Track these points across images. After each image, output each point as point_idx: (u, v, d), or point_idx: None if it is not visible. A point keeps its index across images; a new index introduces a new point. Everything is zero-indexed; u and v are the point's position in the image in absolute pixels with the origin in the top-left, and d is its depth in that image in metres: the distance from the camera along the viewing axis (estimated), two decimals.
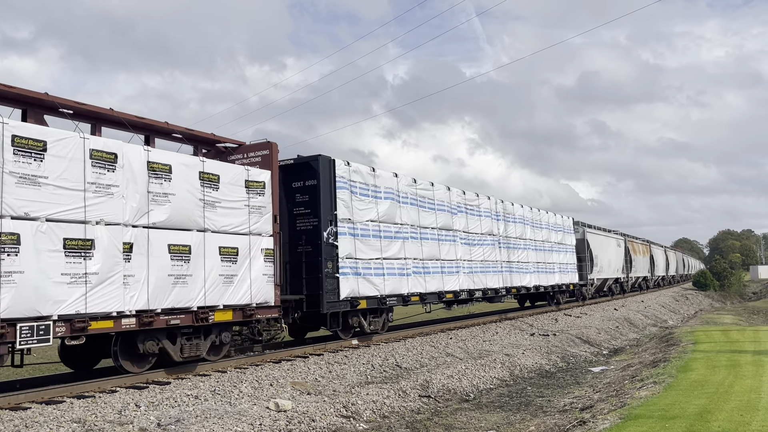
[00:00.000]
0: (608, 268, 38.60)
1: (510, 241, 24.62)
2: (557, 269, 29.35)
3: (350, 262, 15.50)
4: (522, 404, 12.81)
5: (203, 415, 9.49)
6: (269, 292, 13.14)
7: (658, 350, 18.90)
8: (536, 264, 26.88)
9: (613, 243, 41.10)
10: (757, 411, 9.28)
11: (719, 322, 30.44)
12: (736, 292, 68.95)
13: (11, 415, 8.74)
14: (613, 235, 42.31)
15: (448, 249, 19.95)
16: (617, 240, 42.53)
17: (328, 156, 15.58)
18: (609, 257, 39.03)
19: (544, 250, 28.18)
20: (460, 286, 20.27)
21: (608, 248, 39.25)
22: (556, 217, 30.58)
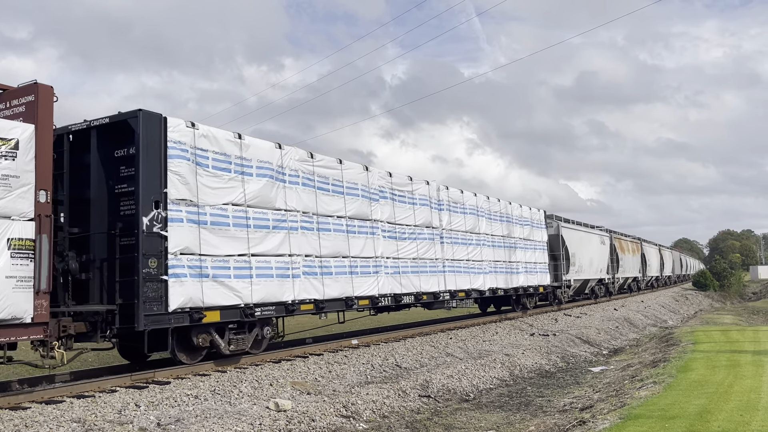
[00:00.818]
0: (589, 268, 34.41)
1: (456, 235, 20.54)
2: (522, 269, 25.16)
3: (190, 260, 11.38)
4: (522, 404, 12.82)
5: (203, 414, 9.49)
6: (21, 304, 9.12)
7: (658, 350, 18.90)
8: (493, 263, 22.77)
9: (596, 240, 36.87)
10: (756, 411, 9.28)
11: (719, 322, 30.45)
12: (736, 292, 68.97)
13: (11, 414, 8.74)
14: (596, 231, 38.09)
15: (363, 244, 15.82)
16: (600, 237, 38.20)
17: (155, 113, 11.43)
18: (590, 255, 34.76)
19: (506, 247, 24.03)
20: (379, 289, 16.14)
21: (589, 245, 34.99)
22: (522, 209, 26.31)
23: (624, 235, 47.29)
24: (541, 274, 27.22)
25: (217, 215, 12.09)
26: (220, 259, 11.99)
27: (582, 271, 33.03)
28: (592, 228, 38.29)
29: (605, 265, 38.36)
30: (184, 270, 11.27)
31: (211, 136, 12.31)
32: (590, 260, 34.69)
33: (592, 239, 36.35)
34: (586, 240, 34.74)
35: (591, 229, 37.76)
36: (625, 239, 45.58)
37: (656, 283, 59.56)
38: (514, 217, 25.21)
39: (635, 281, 48.39)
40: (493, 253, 22.87)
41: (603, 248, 38.02)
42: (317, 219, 14.55)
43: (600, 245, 37.40)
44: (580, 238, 33.60)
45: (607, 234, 40.16)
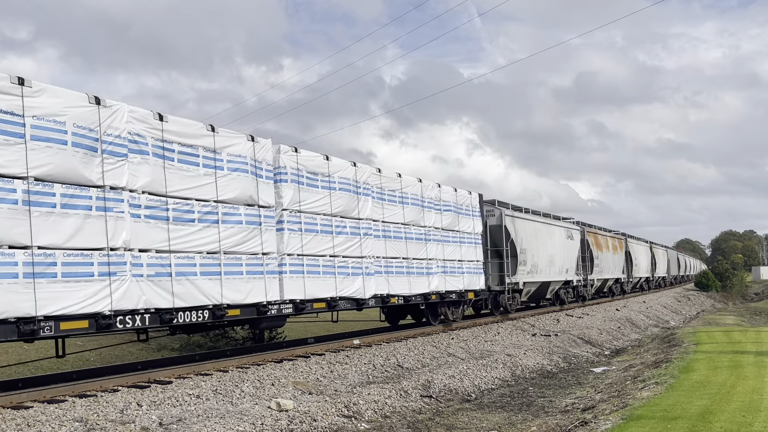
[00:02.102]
0: (549, 268, 27.95)
1: (313, 220, 14.21)
2: (438, 269, 18.78)
3: None
4: (524, 404, 12.81)
5: (205, 414, 9.49)
6: None
7: (660, 351, 18.88)
8: (384, 261, 16.32)
9: (559, 233, 29.95)
10: (759, 412, 9.27)
11: (721, 322, 30.42)
12: (738, 292, 68.92)
13: (13, 414, 8.75)
14: (559, 223, 31.40)
15: (113, 228, 10.07)
16: (567, 230, 31.49)
17: None
18: (551, 252, 28.16)
19: (410, 239, 17.57)
20: (118, 303, 10.03)
21: (549, 240, 28.32)
22: (440, 190, 19.63)
23: (603, 229, 41.09)
24: (470, 275, 20.66)
25: None
26: None
27: (538, 271, 26.49)
28: (553, 219, 31.39)
29: (574, 264, 31.53)
30: None
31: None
32: (550, 258, 28.03)
33: (554, 232, 29.35)
34: (544, 233, 27.77)
35: (553, 220, 30.96)
36: (603, 234, 39.08)
37: (646, 285, 53.33)
38: (426, 200, 18.58)
39: (618, 283, 42.04)
40: (384, 246, 16.34)
41: (570, 244, 31.14)
42: None
43: (566, 240, 30.67)
44: (536, 231, 26.82)
45: (578, 227, 33.76)
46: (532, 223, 26.93)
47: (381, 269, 16.22)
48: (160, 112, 11.26)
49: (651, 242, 57.16)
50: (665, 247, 67.52)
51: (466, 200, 21.39)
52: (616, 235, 43.28)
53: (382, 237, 16.43)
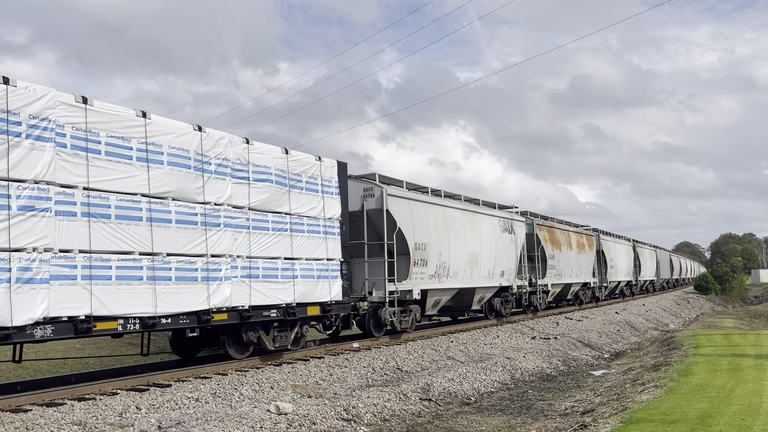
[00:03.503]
0: (472, 270, 21.09)
1: (95, 202, 9.96)
2: (232, 271, 12.16)
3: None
4: (523, 408, 12.80)
5: (204, 417, 9.48)
6: None
7: (660, 354, 18.87)
8: (84, 258, 9.71)
9: (489, 225, 22.82)
10: (758, 415, 9.27)
11: (720, 325, 30.40)
12: (738, 295, 68.91)
13: (12, 417, 8.74)
14: (490, 211, 23.53)
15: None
16: (502, 221, 23.90)
17: None
18: (473, 249, 21.13)
19: (160, 222, 10.97)
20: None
21: (469, 233, 21.14)
22: (249, 149, 13.01)
23: (563, 222, 33.13)
24: (312, 281, 14.08)
25: None
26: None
27: (449, 274, 19.64)
28: (483, 206, 23.68)
29: (513, 265, 24.36)
30: None
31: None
32: (472, 257, 21.05)
33: (480, 223, 22.06)
34: (461, 224, 20.73)
35: (482, 207, 23.30)
36: (563, 229, 31.37)
37: (629, 290, 45.74)
38: (209, 160, 12.03)
39: (587, 289, 34.78)
40: (88, 231, 9.80)
41: (506, 239, 23.86)
42: None
43: (501, 234, 23.47)
44: (446, 220, 19.75)
45: (522, 218, 26.40)
46: (440, 209, 19.64)
47: (74, 272, 9.56)
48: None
49: (635, 241, 49.67)
50: (654, 247, 58.65)
51: (310, 169, 14.31)
52: (583, 231, 35.45)
53: (79, 216, 9.76)
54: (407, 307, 18.10)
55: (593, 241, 36.04)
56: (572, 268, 31.67)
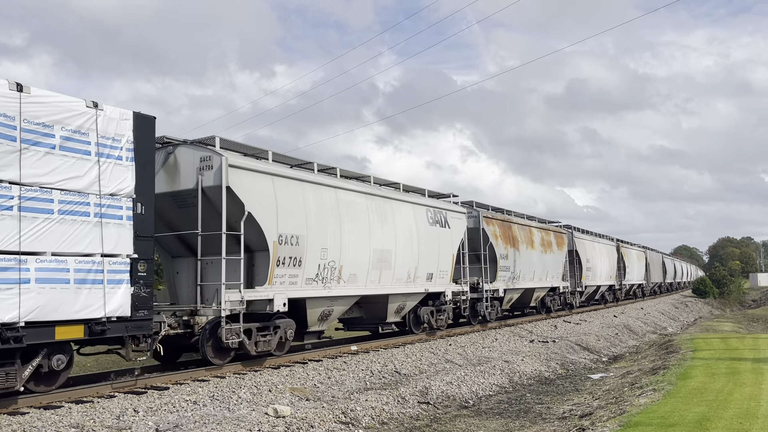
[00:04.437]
0: (380, 271, 16.47)
1: None
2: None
3: None
4: (521, 411, 12.79)
5: (202, 420, 9.47)
6: None
7: (658, 357, 18.88)
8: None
9: (412, 215, 18.10)
10: (756, 419, 9.27)
11: (719, 329, 30.42)
12: (736, 299, 68.96)
13: (9, 419, 8.72)
14: (399, 196, 18.00)
15: None
16: (432, 211, 19.20)
17: None
18: (377, 246, 16.36)
19: None
20: None
21: (378, 225, 16.51)
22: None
23: (523, 216, 28.32)
24: (88, 288, 9.76)
25: None
26: None
27: (333, 278, 14.90)
28: (405, 192, 18.74)
29: (448, 266, 19.69)
30: None
31: None
32: (380, 255, 16.40)
33: (395, 212, 17.26)
34: (360, 210, 15.90)
35: (393, 191, 18.07)
36: (522, 223, 26.57)
37: (612, 295, 41.27)
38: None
39: (554, 294, 30.00)
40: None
41: (437, 234, 19.16)
42: None
43: (427, 227, 18.70)
44: (336, 205, 15.12)
45: (462, 210, 21.41)
46: (329, 191, 14.91)
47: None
48: None
49: (620, 240, 44.64)
50: (644, 248, 53.61)
51: (72, 120, 9.80)
52: (554, 227, 30.94)
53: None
54: (272, 323, 13.47)
55: (564, 240, 30.82)
56: (534, 271, 26.55)
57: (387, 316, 17.47)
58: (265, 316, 13.46)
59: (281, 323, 13.75)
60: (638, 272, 48.04)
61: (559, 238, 30.31)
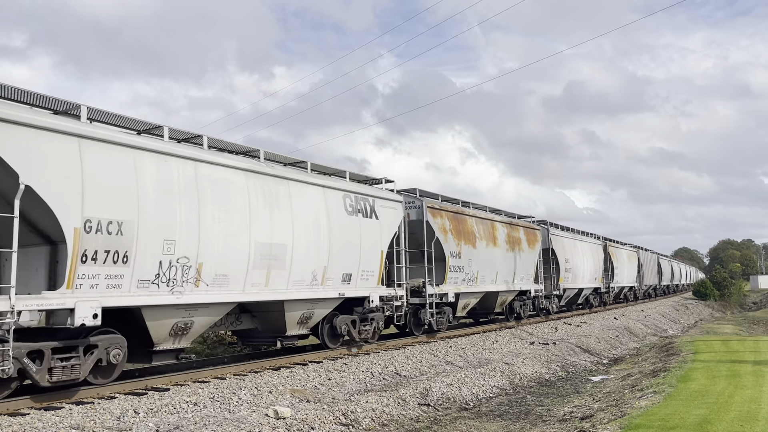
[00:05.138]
0: (267, 272, 12.95)
1: None
2: None
3: None
4: (522, 413, 12.79)
5: (202, 422, 9.47)
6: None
7: (658, 360, 18.87)
8: None
9: (305, 198, 14.18)
10: (757, 421, 9.26)
11: (719, 331, 30.40)
12: (737, 301, 68.91)
13: (10, 420, 8.72)
14: (302, 177, 14.34)
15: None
16: (347, 196, 15.63)
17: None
18: (262, 239, 12.82)
19: None
20: None
21: (261, 208, 12.88)
22: None
23: (485, 209, 24.14)
24: None
25: None
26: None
27: (185, 279, 11.30)
28: (303, 170, 14.99)
29: (374, 265, 16.30)
30: None
31: None
32: (266, 250, 12.96)
33: (295, 196, 13.86)
34: (235, 191, 12.39)
35: (295, 171, 14.46)
36: (482, 217, 22.92)
37: (597, 299, 37.58)
38: None
39: (525, 298, 26.47)
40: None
41: (358, 225, 15.76)
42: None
43: (344, 217, 15.35)
44: (194, 182, 11.53)
45: (397, 198, 17.83)
46: (186, 164, 11.46)
47: None
48: None
49: (607, 239, 40.74)
50: (637, 248, 49.39)
51: None
52: (525, 222, 27.34)
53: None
54: (82, 342, 10.14)
55: (537, 237, 27.28)
56: (498, 272, 22.98)
57: (287, 327, 14.13)
58: (77, 332, 10.02)
59: (101, 341, 10.34)
60: (629, 274, 44.61)
61: (530, 234, 26.69)
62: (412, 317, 18.91)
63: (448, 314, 20.29)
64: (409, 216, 18.77)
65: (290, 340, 14.72)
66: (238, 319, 13.91)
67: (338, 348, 15.93)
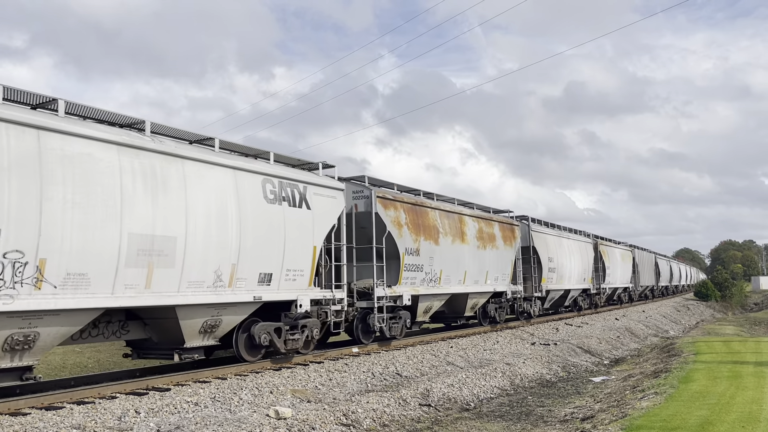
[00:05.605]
0: (146, 270, 10.57)
1: None
2: None
3: None
4: (522, 414, 12.78)
5: (203, 422, 9.47)
6: None
7: (660, 360, 18.85)
8: None
9: (206, 181, 11.78)
10: (758, 422, 9.25)
11: (721, 332, 30.38)
12: (738, 302, 68.91)
13: (11, 420, 8.73)
14: (200, 155, 11.82)
15: None
16: (270, 181, 13.26)
17: None
18: (140, 230, 10.49)
19: None
20: None
21: (138, 192, 10.55)
22: None
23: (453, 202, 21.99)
24: None
25: None
26: None
27: (6, 277, 8.78)
28: (209, 148, 12.65)
29: (305, 263, 14.16)
30: None
31: None
32: (143, 244, 10.56)
33: (193, 178, 11.52)
34: (101, 170, 10.05)
35: (198, 150, 12.09)
36: (447, 210, 20.51)
37: (587, 301, 35.29)
38: None
39: (500, 301, 24.10)
40: None
41: (282, 215, 13.52)
42: None
43: (263, 206, 13.15)
44: (22, 149, 9.08)
45: (337, 185, 15.50)
46: (7, 130, 9.00)
47: None
48: None
49: (597, 237, 38.21)
50: (632, 247, 46.64)
51: None
52: (501, 217, 24.67)
53: None
54: None
55: (515, 233, 24.99)
56: (466, 271, 20.75)
57: (184, 338, 11.79)
58: None
59: None
60: (623, 274, 41.80)
61: (507, 231, 24.25)
62: (359, 323, 16.73)
63: (405, 319, 17.95)
64: (357, 207, 16.72)
65: (191, 353, 12.10)
66: (123, 327, 11.42)
67: (258, 361, 13.55)
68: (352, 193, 16.74)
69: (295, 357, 14.49)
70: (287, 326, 13.83)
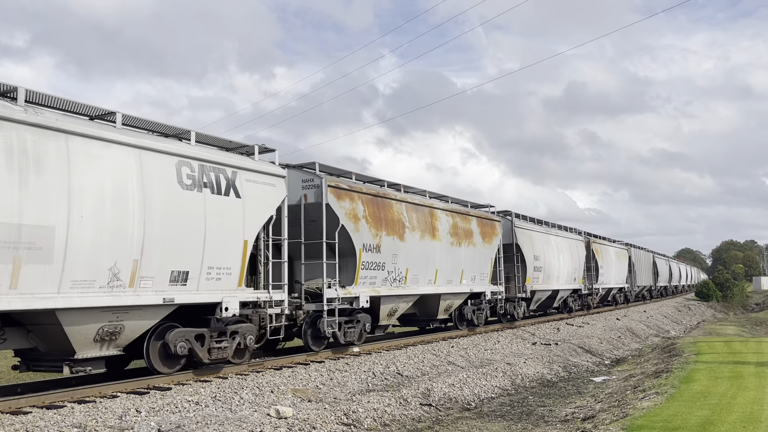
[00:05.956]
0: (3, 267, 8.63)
1: None
2: None
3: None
4: (523, 414, 12.77)
5: (204, 421, 9.47)
6: None
7: (661, 361, 18.84)
8: None
9: (100, 162, 9.93)
10: (759, 423, 9.24)
11: (722, 333, 30.36)
12: (739, 303, 68.87)
13: (12, 419, 8.73)
14: (92, 130, 9.92)
15: None
16: (189, 164, 11.35)
17: None
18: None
19: None
20: None
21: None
22: None
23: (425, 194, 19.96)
24: None
25: None
26: None
27: None
28: (97, 123, 10.62)
29: (234, 261, 12.26)
30: None
31: None
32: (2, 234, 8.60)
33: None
34: None
35: (96, 125, 10.30)
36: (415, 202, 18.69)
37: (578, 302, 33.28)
38: None
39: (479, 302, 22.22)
40: None
41: (200, 204, 11.55)
42: None
43: (177, 192, 11.22)
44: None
45: (278, 171, 13.63)
46: None
47: None
48: None
49: (590, 235, 36.51)
50: (628, 246, 45.14)
51: None
52: (479, 212, 22.77)
53: None
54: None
55: (496, 229, 23.15)
56: (437, 270, 19.00)
57: (74, 347, 10.06)
58: None
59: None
60: (618, 274, 40.05)
61: (486, 226, 22.31)
62: (309, 328, 14.97)
63: (365, 323, 16.13)
64: (307, 198, 15.05)
65: (84, 364, 10.31)
66: (4, 337, 9.68)
67: (175, 374, 11.73)
68: (301, 182, 15.08)
69: (233, 367, 12.75)
70: (214, 333, 12.07)
